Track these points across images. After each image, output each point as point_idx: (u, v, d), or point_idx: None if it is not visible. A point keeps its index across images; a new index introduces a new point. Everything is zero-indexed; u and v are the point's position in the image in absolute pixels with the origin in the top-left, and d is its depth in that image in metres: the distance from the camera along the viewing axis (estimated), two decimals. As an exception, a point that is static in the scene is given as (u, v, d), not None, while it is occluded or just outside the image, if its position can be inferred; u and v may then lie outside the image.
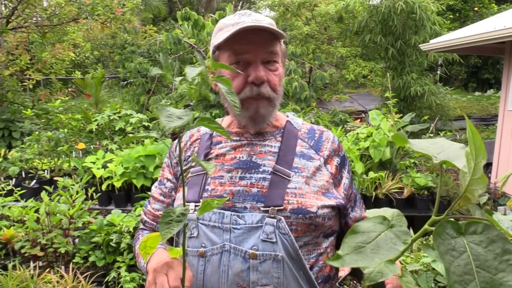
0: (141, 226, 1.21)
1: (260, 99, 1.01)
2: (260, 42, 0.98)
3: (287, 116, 1.15)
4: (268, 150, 1.05)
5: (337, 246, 1.10)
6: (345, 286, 0.83)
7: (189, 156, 1.12)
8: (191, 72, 0.64)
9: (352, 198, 1.11)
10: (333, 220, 1.02)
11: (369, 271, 0.52)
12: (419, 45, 6.55)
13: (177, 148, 1.16)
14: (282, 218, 0.93)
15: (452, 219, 0.46)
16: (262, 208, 0.95)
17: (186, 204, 1.01)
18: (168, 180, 1.15)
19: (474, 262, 0.42)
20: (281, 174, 0.99)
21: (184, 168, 1.11)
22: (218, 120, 1.20)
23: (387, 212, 0.56)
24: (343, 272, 0.88)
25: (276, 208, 0.94)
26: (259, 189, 0.98)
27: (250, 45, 0.98)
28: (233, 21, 1.00)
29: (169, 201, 1.14)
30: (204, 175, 1.04)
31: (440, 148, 0.53)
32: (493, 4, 12.53)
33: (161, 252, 0.96)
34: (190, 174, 1.07)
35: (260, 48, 0.98)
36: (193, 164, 1.09)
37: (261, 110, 1.01)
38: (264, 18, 1.02)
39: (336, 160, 1.08)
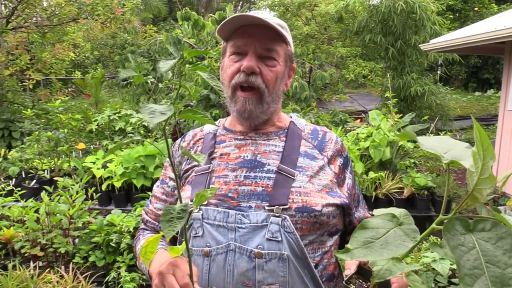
0: (142, 226, 1.21)
1: (249, 92, 1.02)
2: (259, 37, 1.01)
3: (291, 117, 1.16)
4: (272, 149, 1.05)
5: (341, 245, 1.10)
6: (351, 284, 0.83)
7: None
8: (164, 66, 0.63)
9: (355, 198, 1.12)
10: (337, 218, 1.03)
11: (377, 269, 0.52)
12: (419, 45, 6.56)
13: (180, 147, 1.16)
14: (287, 217, 0.93)
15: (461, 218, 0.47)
16: (267, 207, 0.95)
17: (191, 203, 1.00)
18: (171, 179, 1.15)
19: (483, 258, 0.42)
20: (285, 173, 0.99)
21: (187, 167, 1.11)
22: (221, 120, 1.20)
23: (395, 211, 0.56)
24: (349, 271, 0.89)
25: (281, 207, 0.94)
26: (263, 188, 0.98)
27: (249, 38, 1.01)
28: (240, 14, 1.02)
29: (171, 200, 1.13)
30: (209, 174, 1.04)
31: (446, 147, 0.54)
32: (493, 4, 12.52)
33: (162, 253, 0.96)
34: (194, 173, 1.07)
35: (258, 42, 1.01)
36: (196, 163, 1.08)
37: (247, 105, 1.02)
38: (273, 19, 1.04)
39: (339, 161, 1.09)
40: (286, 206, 0.94)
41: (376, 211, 0.63)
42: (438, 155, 0.51)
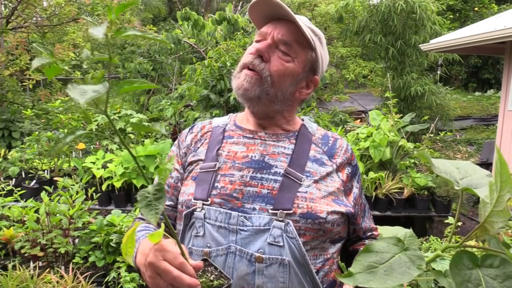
0: (139, 215, 1.17)
1: (252, 72, 1.00)
2: (281, 29, 1.01)
3: (303, 120, 1.14)
4: (281, 151, 1.03)
5: (342, 253, 1.08)
6: None
7: (199, 148, 1.09)
8: (96, 32, 0.56)
9: (362, 208, 1.10)
10: (342, 226, 1.01)
11: None
12: (419, 45, 6.55)
13: (187, 138, 1.13)
14: (290, 221, 0.91)
15: (469, 250, 0.45)
16: (271, 211, 0.93)
17: (194, 201, 0.98)
18: (175, 169, 1.10)
19: None
20: (292, 177, 0.97)
21: (192, 159, 1.08)
22: (232, 115, 1.18)
23: (400, 231, 0.55)
24: (348, 286, 0.88)
25: (285, 211, 0.92)
26: (269, 191, 0.96)
27: (272, 27, 1.03)
28: None
29: (173, 193, 1.08)
30: (214, 172, 1.01)
31: (464, 173, 0.52)
32: (493, 4, 12.52)
33: (143, 243, 0.91)
34: (199, 170, 1.04)
35: (278, 32, 1.01)
36: (202, 157, 1.06)
37: (244, 82, 0.99)
38: (308, 23, 1.05)
39: (347, 169, 1.07)
40: (291, 211, 0.92)
41: (381, 229, 0.61)
42: (451, 181, 0.50)
